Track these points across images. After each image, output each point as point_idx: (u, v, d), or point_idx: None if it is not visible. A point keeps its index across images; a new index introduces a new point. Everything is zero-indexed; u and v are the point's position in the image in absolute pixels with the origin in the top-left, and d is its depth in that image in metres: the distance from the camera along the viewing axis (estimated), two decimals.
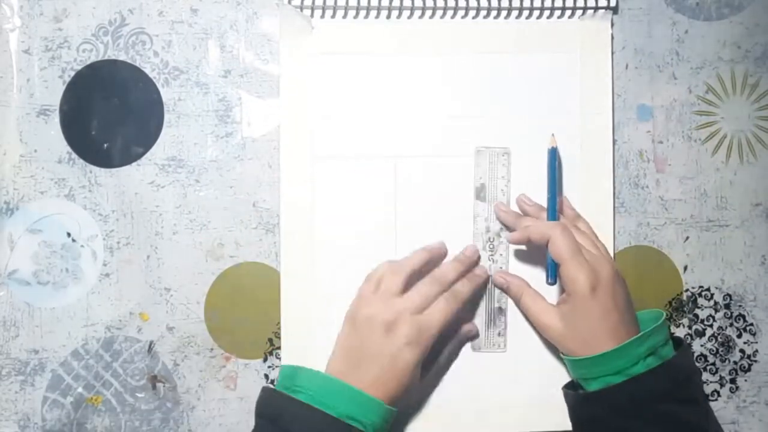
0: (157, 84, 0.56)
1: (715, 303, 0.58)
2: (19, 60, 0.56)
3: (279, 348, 0.56)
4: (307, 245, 0.55)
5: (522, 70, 0.56)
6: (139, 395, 0.56)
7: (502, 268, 0.56)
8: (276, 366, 0.56)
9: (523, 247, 0.56)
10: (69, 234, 0.56)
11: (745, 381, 0.58)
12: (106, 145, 0.56)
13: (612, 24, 0.57)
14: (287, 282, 0.55)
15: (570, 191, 0.56)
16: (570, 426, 0.53)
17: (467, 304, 0.54)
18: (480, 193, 0.56)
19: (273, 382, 0.56)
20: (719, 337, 0.58)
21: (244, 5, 0.56)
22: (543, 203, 0.54)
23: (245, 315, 0.56)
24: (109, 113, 0.56)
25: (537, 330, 0.54)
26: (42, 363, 0.56)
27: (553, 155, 0.54)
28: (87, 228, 0.56)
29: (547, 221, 0.53)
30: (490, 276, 0.55)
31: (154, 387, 0.56)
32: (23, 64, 0.56)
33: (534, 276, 0.55)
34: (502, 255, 0.56)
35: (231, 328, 0.56)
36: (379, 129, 0.56)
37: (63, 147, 0.56)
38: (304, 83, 0.56)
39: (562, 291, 0.53)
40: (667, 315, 0.57)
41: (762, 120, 0.58)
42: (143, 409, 0.56)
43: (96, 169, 0.56)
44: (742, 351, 0.58)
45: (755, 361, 0.58)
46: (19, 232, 0.56)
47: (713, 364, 0.58)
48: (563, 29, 0.56)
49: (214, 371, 0.56)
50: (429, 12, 0.56)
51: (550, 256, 0.51)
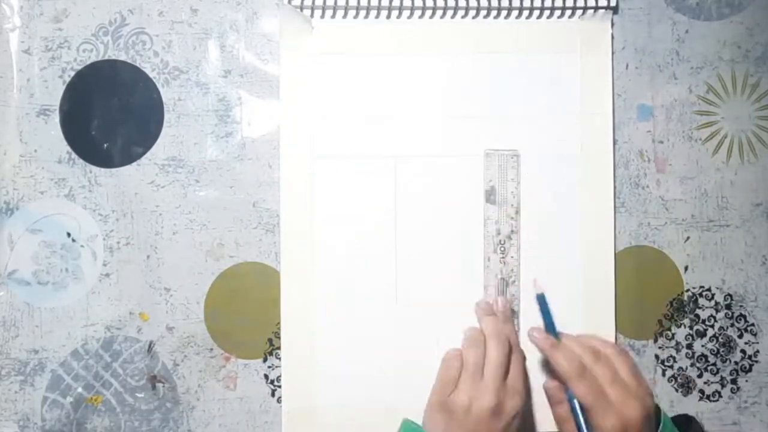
0: (157, 84, 0.56)
1: (716, 303, 0.58)
2: (19, 60, 0.56)
3: (279, 348, 0.56)
4: (307, 245, 0.55)
5: (522, 70, 0.56)
6: (139, 395, 0.56)
7: (513, 270, 0.56)
8: (276, 366, 0.56)
9: (535, 251, 0.56)
10: (69, 234, 0.56)
11: (746, 381, 0.58)
12: (106, 145, 0.56)
13: (612, 24, 0.57)
14: (287, 282, 0.55)
15: (570, 191, 0.56)
16: None
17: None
18: (490, 196, 0.56)
19: (273, 382, 0.56)
20: (720, 338, 0.58)
21: (244, 5, 0.56)
22: (548, 208, 0.55)
23: (245, 315, 0.56)
24: (109, 113, 0.56)
25: None
26: (42, 363, 0.56)
27: (543, 300, 0.53)
28: (87, 228, 0.56)
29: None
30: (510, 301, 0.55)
31: (153, 387, 0.56)
32: (23, 64, 0.56)
33: (546, 278, 0.55)
34: (513, 257, 0.56)
35: (231, 328, 0.56)
36: (379, 129, 0.56)
37: (63, 147, 0.56)
38: (304, 83, 0.56)
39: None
40: (667, 316, 0.57)
41: (762, 120, 0.58)
42: (143, 409, 0.56)
43: (96, 169, 0.56)
44: (743, 351, 0.58)
45: (756, 362, 0.58)
46: (19, 232, 0.56)
47: (714, 364, 0.57)
48: (563, 29, 0.56)
49: (213, 371, 0.56)
50: (429, 12, 0.56)
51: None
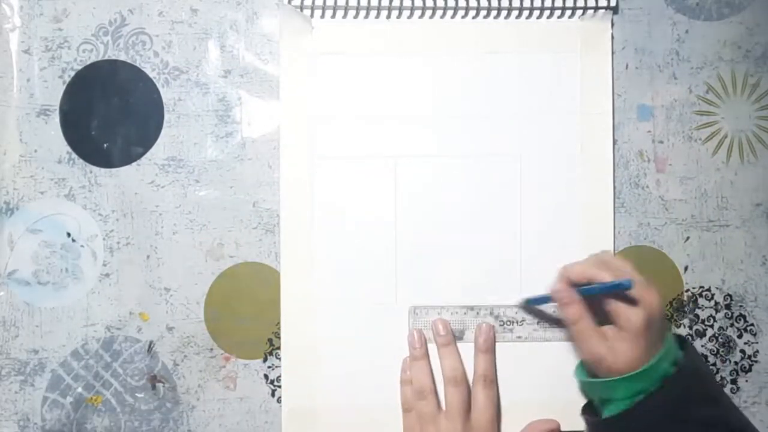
0: (157, 84, 0.56)
1: (716, 303, 0.58)
2: (19, 60, 0.56)
3: (279, 348, 0.56)
4: (307, 245, 0.55)
5: (522, 70, 0.56)
6: (139, 395, 0.56)
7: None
8: (276, 366, 0.56)
9: (536, 251, 0.56)
10: (69, 234, 0.56)
11: (746, 381, 0.58)
12: (106, 145, 0.56)
13: (612, 24, 0.57)
14: (287, 282, 0.55)
15: (570, 191, 0.56)
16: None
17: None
18: None
19: (273, 382, 0.56)
20: (720, 338, 0.58)
21: (244, 5, 0.56)
22: (549, 205, 0.55)
23: (245, 315, 0.56)
24: (109, 113, 0.56)
25: (578, 355, 0.54)
26: (42, 363, 0.56)
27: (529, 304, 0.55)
28: (87, 228, 0.56)
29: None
30: (493, 330, 0.55)
31: (153, 387, 0.56)
32: (23, 64, 0.56)
33: (546, 278, 0.55)
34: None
35: (231, 328, 0.56)
36: (379, 129, 0.56)
37: (63, 147, 0.56)
38: (304, 83, 0.56)
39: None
40: (667, 315, 0.57)
41: (762, 120, 0.58)
42: (143, 409, 0.56)
43: (96, 169, 0.56)
44: (742, 351, 0.58)
45: (756, 362, 0.58)
46: (19, 232, 0.56)
47: (714, 364, 0.57)
48: (563, 29, 0.56)
49: (213, 371, 0.56)
50: (429, 12, 0.56)
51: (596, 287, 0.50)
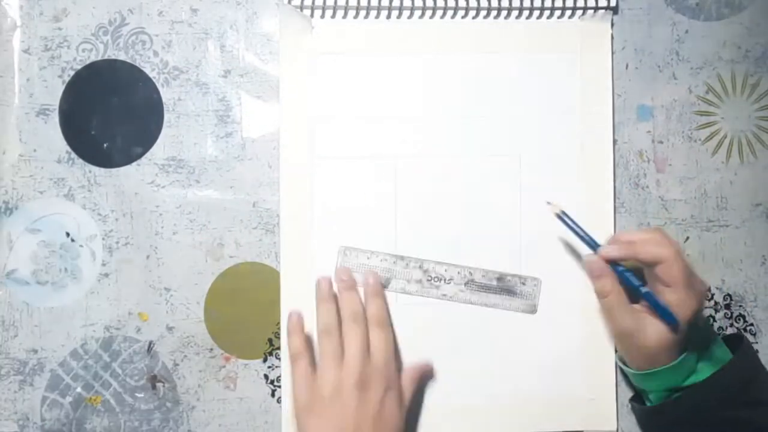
0: (157, 84, 0.56)
1: (716, 303, 0.58)
2: (19, 60, 0.56)
3: (279, 348, 0.56)
4: (307, 245, 0.55)
5: (522, 70, 0.56)
6: (139, 395, 0.56)
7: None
8: (276, 366, 0.56)
9: (536, 251, 0.56)
10: (68, 234, 0.56)
11: None
12: (105, 145, 0.56)
13: (612, 24, 0.57)
14: (287, 282, 0.55)
15: (570, 191, 0.56)
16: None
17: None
18: None
19: (273, 382, 0.56)
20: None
21: (244, 5, 0.56)
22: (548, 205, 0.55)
23: (245, 315, 0.56)
24: (109, 113, 0.56)
25: (608, 329, 0.53)
26: (41, 363, 0.55)
27: (566, 216, 0.53)
28: (86, 228, 0.56)
29: (660, 240, 0.49)
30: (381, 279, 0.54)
31: (153, 387, 0.56)
32: (23, 63, 0.56)
33: (546, 278, 0.55)
34: None
35: (231, 328, 0.56)
36: (379, 129, 0.56)
37: (62, 147, 0.56)
38: (304, 83, 0.56)
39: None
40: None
41: (762, 120, 0.58)
42: (143, 409, 0.56)
43: (95, 169, 0.56)
44: None
45: None
46: (18, 231, 0.56)
47: None
48: (563, 29, 0.56)
49: (213, 371, 0.56)
50: (429, 12, 0.56)
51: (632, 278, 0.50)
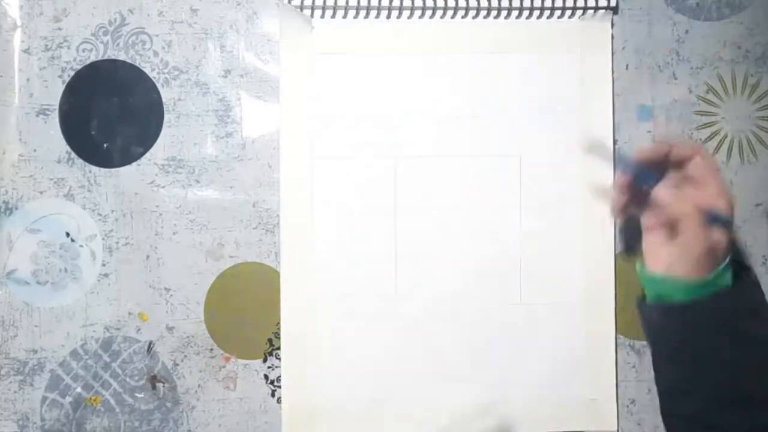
0: (157, 84, 0.56)
1: None
2: (19, 60, 0.56)
3: (279, 348, 0.56)
4: (307, 245, 0.55)
5: (522, 70, 0.56)
6: (138, 395, 0.56)
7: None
8: (276, 366, 0.56)
9: (536, 251, 0.56)
10: (68, 234, 0.56)
11: None
12: (105, 145, 0.56)
13: (612, 24, 0.57)
14: (287, 282, 0.55)
15: (570, 192, 0.56)
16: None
17: None
18: None
19: (273, 382, 0.56)
20: None
21: (244, 5, 0.56)
22: (549, 205, 0.55)
23: (245, 315, 0.56)
24: (109, 113, 0.56)
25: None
26: (41, 363, 0.55)
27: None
28: (86, 228, 0.56)
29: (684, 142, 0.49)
30: None
31: (153, 387, 0.56)
32: (23, 63, 0.56)
33: (546, 278, 0.55)
34: None
35: (231, 328, 0.56)
36: (379, 129, 0.56)
37: (62, 147, 0.56)
38: (304, 83, 0.56)
39: None
40: None
41: (762, 120, 0.58)
42: (142, 410, 0.56)
43: (95, 169, 0.56)
44: None
45: None
46: (18, 231, 0.56)
47: None
48: (563, 29, 0.56)
49: (213, 371, 0.56)
50: (429, 12, 0.56)
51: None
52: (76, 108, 0.56)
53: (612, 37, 0.57)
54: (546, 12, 0.56)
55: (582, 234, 0.56)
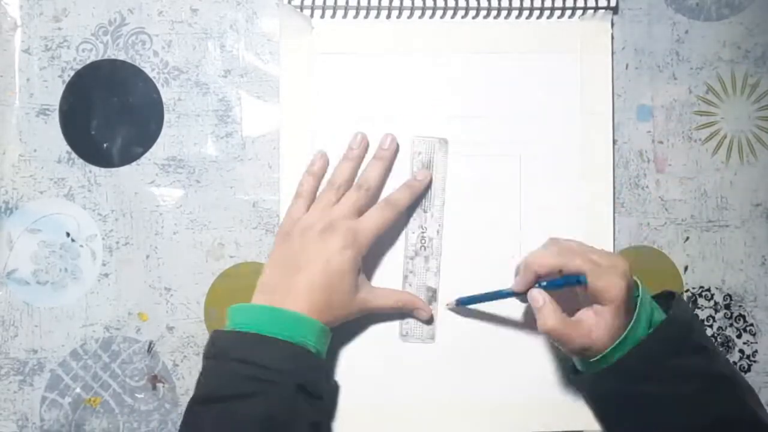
0: (157, 84, 0.56)
1: (715, 303, 0.58)
2: (19, 60, 0.56)
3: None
4: None
5: (522, 70, 0.56)
6: (138, 396, 0.56)
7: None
8: None
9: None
10: (68, 234, 0.56)
11: None
12: (105, 145, 0.56)
13: (612, 24, 0.57)
14: None
15: (570, 191, 0.56)
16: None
17: (403, 213, 0.54)
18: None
19: None
20: (719, 338, 0.58)
21: (244, 5, 0.56)
22: (548, 208, 0.56)
23: None
24: (109, 113, 0.56)
25: (566, 351, 0.50)
26: (41, 363, 0.55)
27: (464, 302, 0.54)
28: (86, 228, 0.56)
29: (546, 250, 0.50)
30: (431, 180, 0.55)
31: (154, 387, 0.56)
32: (23, 63, 0.56)
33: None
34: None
35: None
36: (379, 129, 0.56)
37: (62, 147, 0.56)
38: (304, 83, 0.56)
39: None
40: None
41: (762, 120, 0.58)
42: (142, 410, 0.56)
43: (95, 169, 0.56)
44: (741, 351, 0.58)
45: (755, 362, 0.58)
46: (18, 231, 0.56)
47: None
48: (563, 29, 0.56)
49: None
50: (429, 12, 0.56)
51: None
52: (76, 108, 0.56)
53: (612, 37, 0.57)
54: (546, 12, 0.56)
55: (582, 234, 0.56)
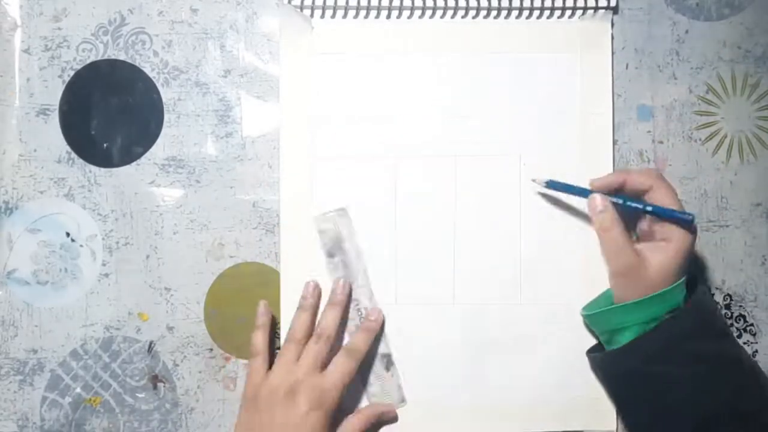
0: (157, 84, 0.56)
1: (716, 303, 0.58)
2: (19, 60, 0.56)
3: (278, 348, 0.56)
4: (307, 245, 0.55)
5: (522, 70, 0.56)
6: (139, 395, 0.56)
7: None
8: None
9: (536, 251, 0.56)
10: (68, 234, 0.56)
11: None
12: (105, 145, 0.56)
13: (612, 24, 0.57)
14: (287, 282, 0.55)
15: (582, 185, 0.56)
16: None
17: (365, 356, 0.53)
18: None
19: None
20: None
21: (244, 5, 0.56)
22: (549, 205, 0.55)
23: (245, 315, 0.56)
24: (109, 113, 0.56)
25: (607, 257, 0.51)
26: (41, 363, 0.55)
27: (555, 184, 0.54)
28: (86, 228, 0.56)
29: (646, 170, 0.52)
30: (384, 320, 0.55)
31: (155, 387, 0.56)
32: (23, 63, 0.56)
33: (547, 278, 0.56)
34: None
35: (231, 328, 0.56)
36: (379, 129, 0.56)
37: (62, 146, 0.56)
38: (304, 83, 0.56)
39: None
40: None
41: (762, 120, 0.58)
42: (142, 410, 0.56)
43: (95, 169, 0.56)
44: None
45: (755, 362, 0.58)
46: (18, 231, 0.56)
47: None
48: (563, 29, 0.56)
49: (213, 372, 0.56)
50: (429, 12, 0.56)
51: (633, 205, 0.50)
52: (76, 108, 0.56)
53: (612, 37, 0.57)
54: (546, 12, 0.56)
55: (582, 234, 0.56)
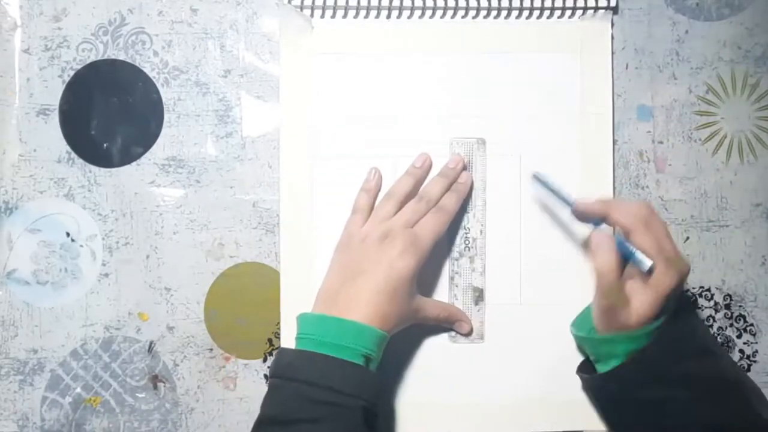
0: (157, 84, 0.56)
1: (716, 303, 0.58)
2: (19, 59, 0.56)
3: (279, 348, 0.56)
4: (307, 245, 0.55)
5: (522, 70, 0.56)
6: (139, 395, 0.56)
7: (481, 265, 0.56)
8: None
9: (536, 251, 0.56)
10: (68, 234, 0.56)
11: None
12: (105, 145, 0.56)
13: (612, 24, 0.57)
14: (287, 282, 0.55)
15: (570, 192, 0.56)
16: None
17: (454, 217, 0.54)
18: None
19: None
20: (719, 338, 0.58)
21: (244, 5, 0.56)
22: (548, 205, 0.55)
23: (245, 315, 0.56)
24: (109, 113, 0.56)
25: (598, 294, 0.49)
26: (41, 363, 0.55)
27: (542, 178, 0.54)
28: (86, 228, 0.56)
29: (637, 210, 0.49)
30: (472, 183, 0.56)
31: (155, 387, 0.56)
32: (23, 63, 0.56)
33: (547, 278, 0.56)
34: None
35: (231, 328, 0.56)
36: (379, 129, 0.56)
37: (62, 146, 0.56)
38: (304, 83, 0.56)
39: None
40: None
41: (762, 120, 0.58)
42: (142, 410, 0.56)
43: (95, 169, 0.56)
44: (741, 351, 0.58)
45: (755, 362, 0.58)
46: (18, 231, 0.56)
47: None
48: (563, 29, 0.56)
49: (213, 372, 0.56)
50: (429, 12, 0.56)
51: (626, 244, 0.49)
52: (76, 108, 0.56)
53: (612, 37, 0.57)
54: (546, 12, 0.56)
55: (582, 234, 0.56)
